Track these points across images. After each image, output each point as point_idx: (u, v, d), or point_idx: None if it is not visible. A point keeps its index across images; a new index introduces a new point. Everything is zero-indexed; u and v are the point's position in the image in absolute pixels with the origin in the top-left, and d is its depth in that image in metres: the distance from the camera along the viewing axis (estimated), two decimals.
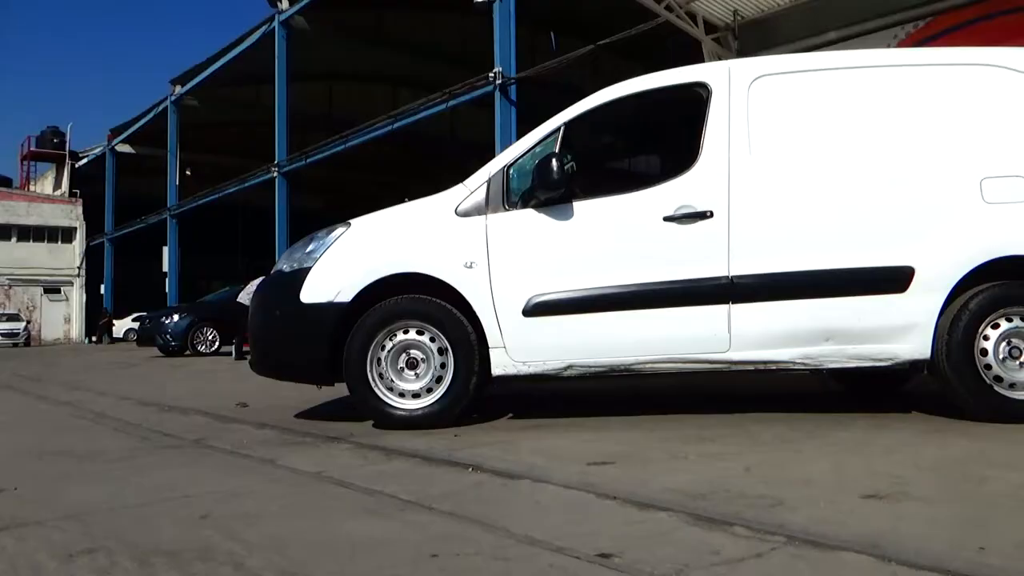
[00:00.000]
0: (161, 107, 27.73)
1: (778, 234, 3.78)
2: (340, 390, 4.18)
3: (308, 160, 19.20)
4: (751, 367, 3.79)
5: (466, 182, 4.08)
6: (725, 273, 3.75)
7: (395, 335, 3.89)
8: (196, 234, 29.18)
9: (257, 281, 8.45)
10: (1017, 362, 3.63)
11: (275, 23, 19.47)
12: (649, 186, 3.95)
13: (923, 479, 2.55)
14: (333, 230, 4.12)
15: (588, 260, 3.85)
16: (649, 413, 4.15)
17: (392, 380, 3.89)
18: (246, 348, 6.25)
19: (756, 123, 3.89)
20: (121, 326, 30.72)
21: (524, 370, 3.86)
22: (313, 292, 3.95)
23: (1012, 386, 3.60)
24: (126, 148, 31.96)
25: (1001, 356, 3.62)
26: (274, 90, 19.75)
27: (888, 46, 7.40)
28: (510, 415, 4.27)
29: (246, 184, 23.49)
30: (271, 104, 19.91)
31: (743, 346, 3.74)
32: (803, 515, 2.12)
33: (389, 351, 3.89)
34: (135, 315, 27.71)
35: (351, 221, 4.16)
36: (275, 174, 19.91)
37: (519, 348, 3.84)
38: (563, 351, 3.83)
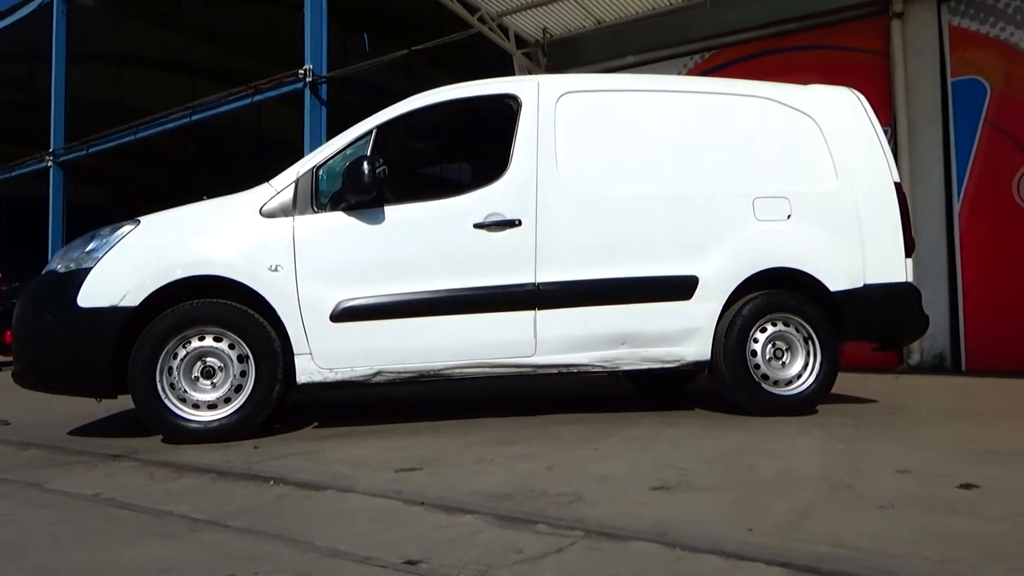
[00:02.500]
0: None
1: (581, 243, 3.98)
2: (124, 402, 3.82)
3: (90, 150, 17.39)
4: (555, 370, 3.96)
5: (272, 181, 3.90)
6: (532, 280, 3.88)
7: (189, 342, 3.62)
8: None
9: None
10: (780, 362, 4.11)
11: None
12: (460, 193, 4.01)
13: (704, 470, 2.80)
14: (119, 228, 3.76)
15: (398, 265, 3.82)
16: (457, 418, 4.19)
17: (185, 390, 3.61)
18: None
19: (562, 137, 4.08)
20: None
21: (331, 377, 3.75)
22: (93, 295, 3.58)
23: (776, 383, 4.07)
24: None
25: (767, 357, 4.08)
26: (51, 69, 17.72)
27: (679, 72, 8.08)
28: (315, 424, 4.13)
29: (13, 173, 20.80)
30: (47, 85, 17.84)
31: (548, 350, 3.90)
32: (600, 509, 2.25)
33: (182, 359, 3.61)
34: None
35: (140, 218, 3.82)
36: (49, 163, 17.84)
37: (327, 354, 3.73)
38: (372, 357, 3.78)
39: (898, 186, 4.35)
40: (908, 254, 4.28)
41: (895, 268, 4.24)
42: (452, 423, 4.03)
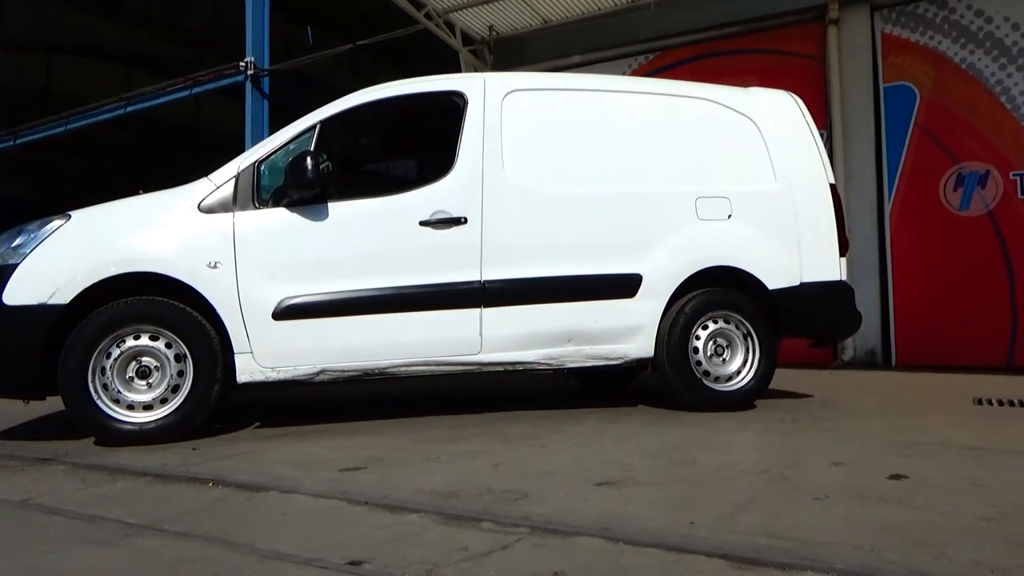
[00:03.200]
0: None
1: (527, 242, 3.99)
2: (53, 404, 3.67)
3: (17, 141, 16.67)
4: (500, 368, 3.96)
5: (211, 176, 3.80)
6: (478, 278, 3.88)
7: (124, 341, 3.51)
8: None
9: None
10: (721, 359, 4.20)
11: None
12: (406, 190, 3.98)
13: (647, 465, 2.84)
14: (48, 222, 3.62)
15: (343, 262, 3.78)
16: (402, 416, 4.17)
17: (119, 391, 3.49)
18: None
19: (509, 135, 4.09)
20: None
21: (273, 376, 3.69)
22: (20, 292, 3.43)
23: (717, 379, 4.16)
24: None
25: (709, 354, 4.16)
26: None
27: (624, 73, 8.18)
28: (257, 424, 4.05)
29: None
30: None
31: (493, 348, 3.90)
32: (545, 506, 2.26)
33: (116, 359, 3.50)
34: None
35: (71, 213, 3.68)
36: None
37: (268, 353, 3.66)
38: (316, 355, 3.72)
39: (833, 187, 4.49)
40: (842, 253, 4.42)
41: (830, 267, 4.38)
42: (397, 422, 4.00)
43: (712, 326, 4.18)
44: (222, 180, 3.77)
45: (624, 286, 4.08)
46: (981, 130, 6.85)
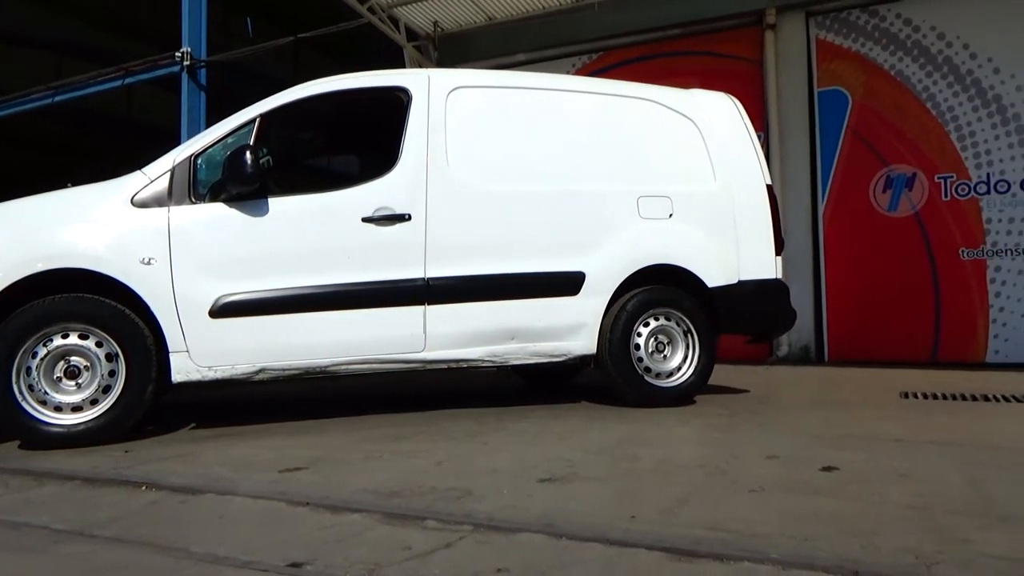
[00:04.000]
0: None
1: (471, 239, 3.98)
2: None
3: None
4: (444, 365, 3.95)
5: (145, 169, 3.68)
6: (422, 275, 3.86)
7: (51, 340, 3.37)
8: None
9: None
10: (662, 355, 4.27)
11: None
12: (348, 186, 3.93)
13: (590, 461, 2.87)
14: None
15: (283, 259, 3.70)
16: (344, 415, 4.12)
17: (46, 392, 3.35)
18: None
19: (453, 131, 4.07)
20: None
21: (210, 375, 3.59)
22: None
23: (658, 376, 4.23)
24: None
25: (650, 350, 4.23)
26: None
27: (568, 72, 8.23)
28: (193, 425, 3.94)
29: None
30: None
31: (437, 345, 3.88)
32: (489, 503, 2.26)
33: (43, 358, 3.35)
34: None
35: None
36: None
37: (205, 352, 3.57)
38: (254, 354, 3.64)
39: (770, 188, 4.61)
40: (778, 252, 4.55)
41: (767, 265, 4.50)
42: (339, 421, 3.95)
43: (653, 323, 4.25)
44: (156, 174, 3.65)
45: (567, 284, 4.11)
46: (908, 134, 7.14)
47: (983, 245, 6.81)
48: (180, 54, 9.90)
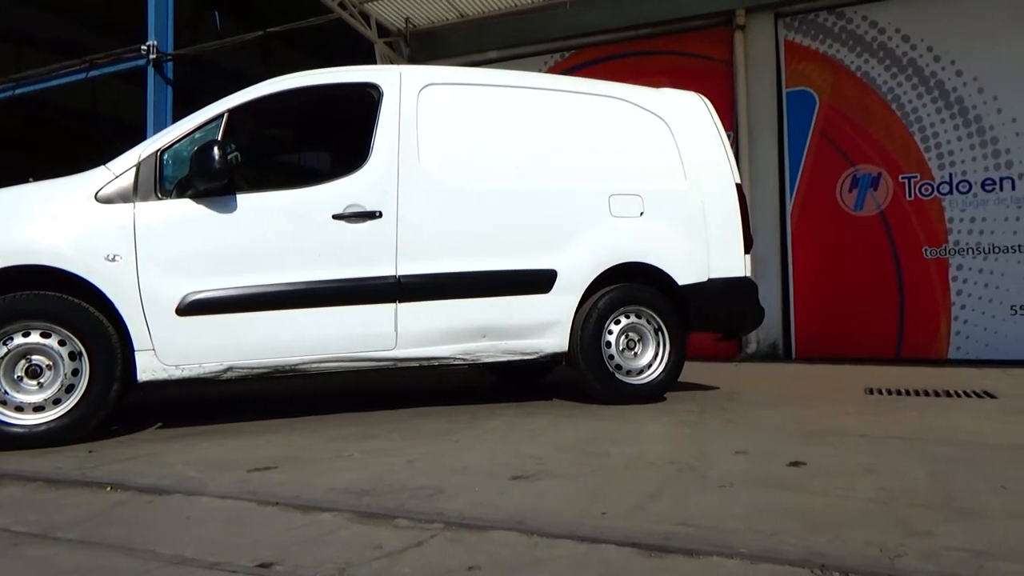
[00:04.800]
0: None
1: (443, 236, 3.97)
2: None
3: None
4: (416, 363, 3.93)
5: (110, 164, 3.61)
6: (393, 273, 3.84)
7: (11, 339, 3.29)
8: None
9: None
10: (633, 353, 4.30)
11: None
12: (319, 183, 3.89)
13: (561, 458, 2.88)
14: None
15: (252, 256, 3.66)
16: (314, 414, 4.08)
17: (6, 392, 3.27)
18: None
19: (424, 129, 4.05)
20: None
21: (177, 374, 3.54)
22: None
23: (629, 373, 4.26)
24: None
25: (621, 347, 4.26)
26: None
27: (540, 70, 8.24)
28: (159, 424, 3.88)
29: None
30: None
31: (409, 343, 3.87)
32: (460, 501, 2.26)
33: (3, 357, 3.28)
34: None
35: None
36: None
37: (172, 350, 3.51)
38: (223, 352, 3.59)
39: (739, 187, 4.66)
40: (747, 250, 4.60)
41: (736, 263, 4.55)
42: (308, 419, 3.92)
43: (624, 321, 4.28)
44: (121, 169, 3.58)
45: (539, 282, 4.11)
46: (874, 135, 7.26)
47: (945, 244, 6.95)
48: (146, 47, 9.74)
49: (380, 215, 3.84)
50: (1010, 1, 6.78)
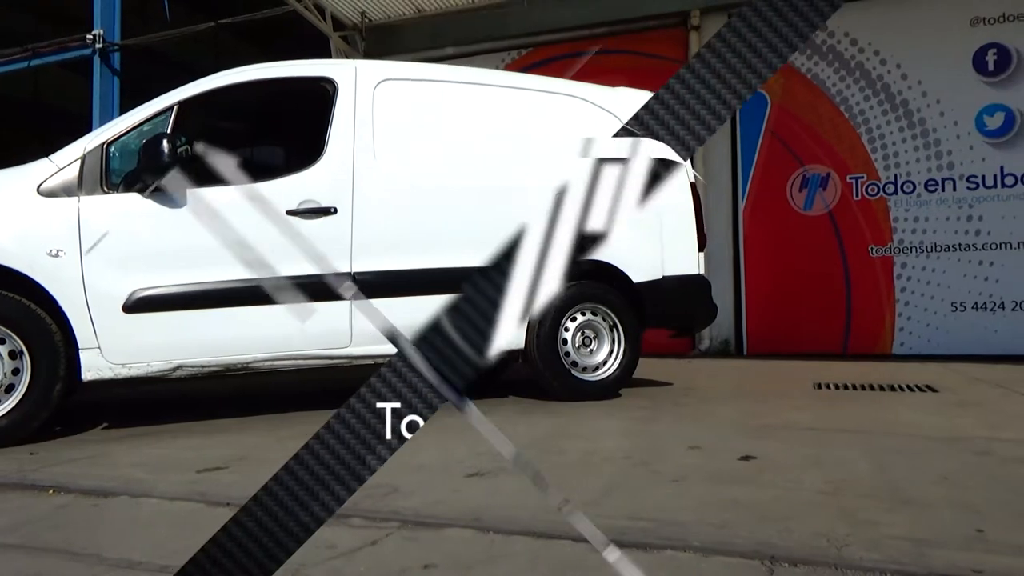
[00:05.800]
0: None
1: (398, 233, 3.94)
2: None
3: None
4: (371, 361, 3.90)
5: (53, 157, 3.50)
6: (347, 269, 3.80)
7: None
8: None
9: None
10: (588, 349, 4.33)
11: None
12: (272, 178, 3.84)
13: (517, 455, 2.88)
14: None
15: (202, 252, 3.58)
16: (268, 413, 4.02)
17: None
18: None
19: (380, 124, 4.02)
20: None
21: (124, 372, 3.45)
22: None
23: (584, 370, 4.29)
24: None
25: (577, 345, 4.28)
26: None
27: (497, 67, 8.23)
28: (105, 425, 3.78)
29: None
30: None
31: (364, 341, 3.83)
32: (416, 499, 2.25)
33: None
34: None
35: None
36: None
37: (118, 349, 3.42)
38: (172, 350, 3.52)
39: (693, 186, 4.73)
40: (701, 248, 4.67)
41: (690, 261, 4.61)
42: (261, 418, 3.85)
43: (580, 318, 4.31)
44: (65, 162, 3.48)
45: None
46: (823, 136, 7.44)
47: (891, 243, 7.16)
48: (92, 36, 9.46)
49: (335, 211, 3.80)
50: (954, 5, 7.01)
